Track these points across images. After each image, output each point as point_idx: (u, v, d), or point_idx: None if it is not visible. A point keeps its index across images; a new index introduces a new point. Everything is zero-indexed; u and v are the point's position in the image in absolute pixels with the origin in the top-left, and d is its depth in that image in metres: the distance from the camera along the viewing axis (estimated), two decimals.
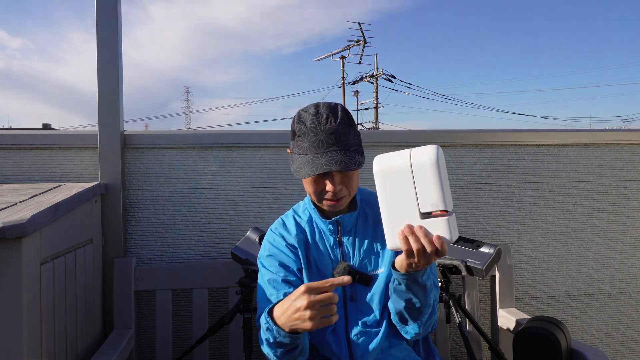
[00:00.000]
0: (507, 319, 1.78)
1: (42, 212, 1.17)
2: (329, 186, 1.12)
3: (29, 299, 1.12)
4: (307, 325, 0.93)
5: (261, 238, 1.63)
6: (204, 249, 1.86)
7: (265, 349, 1.09)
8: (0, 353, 1.08)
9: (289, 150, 1.19)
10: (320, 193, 1.14)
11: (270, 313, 1.02)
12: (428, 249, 0.92)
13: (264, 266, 1.23)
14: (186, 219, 1.85)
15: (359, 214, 1.24)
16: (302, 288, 0.93)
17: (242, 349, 1.67)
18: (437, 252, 0.93)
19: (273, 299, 1.15)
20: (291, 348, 1.04)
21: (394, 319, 1.17)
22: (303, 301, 0.92)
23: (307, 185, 1.16)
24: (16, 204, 1.27)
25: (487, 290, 1.97)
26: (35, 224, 1.12)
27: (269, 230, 1.30)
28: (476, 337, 1.81)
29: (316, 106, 1.14)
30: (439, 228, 0.92)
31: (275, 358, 1.08)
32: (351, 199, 1.20)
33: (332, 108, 1.13)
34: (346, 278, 0.93)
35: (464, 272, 1.58)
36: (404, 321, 1.15)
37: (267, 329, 1.02)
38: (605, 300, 2.09)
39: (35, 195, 1.42)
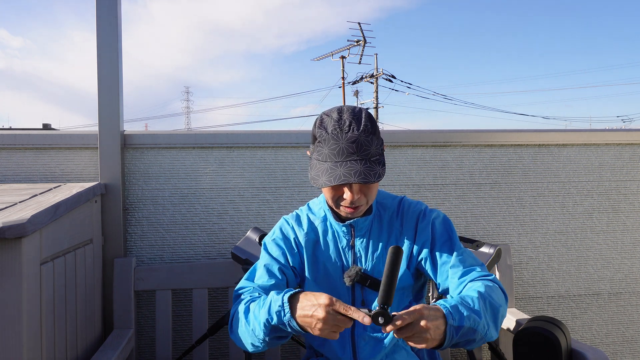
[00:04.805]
0: (507, 319, 1.77)
1: (42, 212, 1.17)
2: (347, 194, 1.08)
3: (29, 299, 1.12)
4: (314, 332, 0.94)
5: (261, 238, 1.63)
6: (204, 249, 1.86)
7: (252, 326, 1.03)
8: (0, 353, 1.08)
9: (308, 152, 1.15)
10: (337, 200, 1.12)
11: (289, 301, 0.98)
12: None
13: (266, 249, 1.23)
14: (186, 219, 1.85)
15: (374, 217, 1.21)
16: (326, 300, 0.93)
17: (242, 349, 1.67)
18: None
19: (260, 282, 1.16)
20: (283, 336, 1.03)
21: None
22: (321, 313, 0.92)
23: (325, 191, 1.13)
24: (16, 204, 1.27)
25: None
26: (35, 224, 1.12)
27: (282, 219, 1.29)
28: None
29: (339, 111, 1.09)
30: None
31: (261, 337, 1.02)
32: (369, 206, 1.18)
33: (356, 114, 1.08)
34: (367, 319, 0.89)
35: None
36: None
37: (279, 312, 0.97)
38: (605, 300, 2.09)
39: (35, 195, 1.42)
